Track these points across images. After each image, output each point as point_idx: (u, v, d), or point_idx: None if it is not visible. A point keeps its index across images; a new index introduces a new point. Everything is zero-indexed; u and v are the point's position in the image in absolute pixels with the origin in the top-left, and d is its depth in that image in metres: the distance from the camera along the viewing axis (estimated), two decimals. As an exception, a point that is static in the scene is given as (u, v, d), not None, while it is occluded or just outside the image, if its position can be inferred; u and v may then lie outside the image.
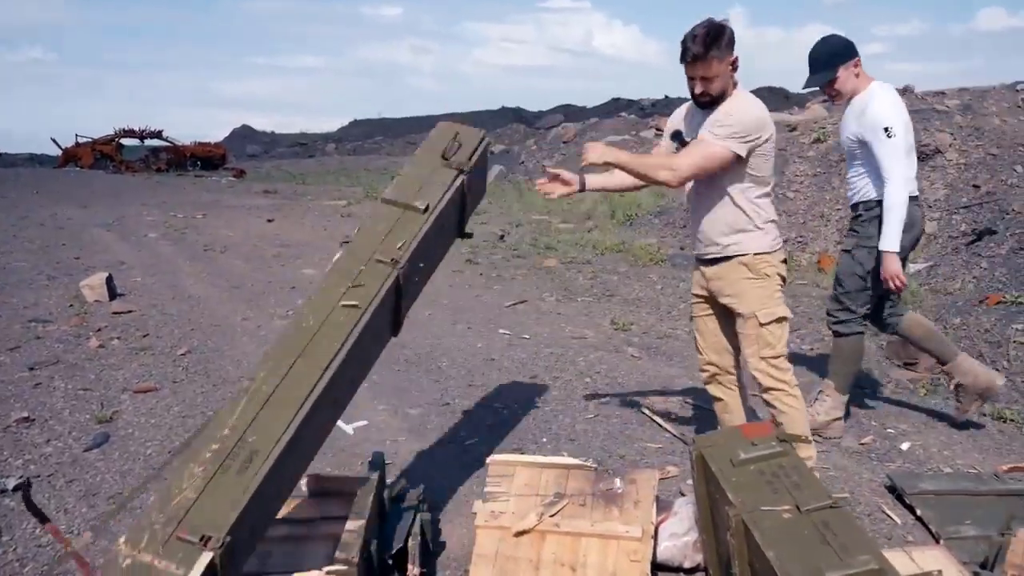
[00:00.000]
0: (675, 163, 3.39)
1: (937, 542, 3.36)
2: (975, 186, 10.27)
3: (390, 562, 2.87)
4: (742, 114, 3.31)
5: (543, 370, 5.63)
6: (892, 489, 3.83)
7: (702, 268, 3.65)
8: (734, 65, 3.33)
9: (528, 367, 5.75)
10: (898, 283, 4.24)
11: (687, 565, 3.12)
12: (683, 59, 3.30)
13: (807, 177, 11.70)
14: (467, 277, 9.25)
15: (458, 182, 3.15)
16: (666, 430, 4.57)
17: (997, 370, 5.80)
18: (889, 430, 4.69)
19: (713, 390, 3.85)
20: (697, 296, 3.76)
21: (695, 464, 2.89)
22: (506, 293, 8.39)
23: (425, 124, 57.74)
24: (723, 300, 3.58)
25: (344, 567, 2.46)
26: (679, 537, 3.10)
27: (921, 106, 12.91)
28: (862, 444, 4.48)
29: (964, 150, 10.87)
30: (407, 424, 4.64)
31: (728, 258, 3.50)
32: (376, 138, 55.40)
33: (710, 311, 3.73)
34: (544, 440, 4.42)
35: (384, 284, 2.82)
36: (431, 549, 3.23)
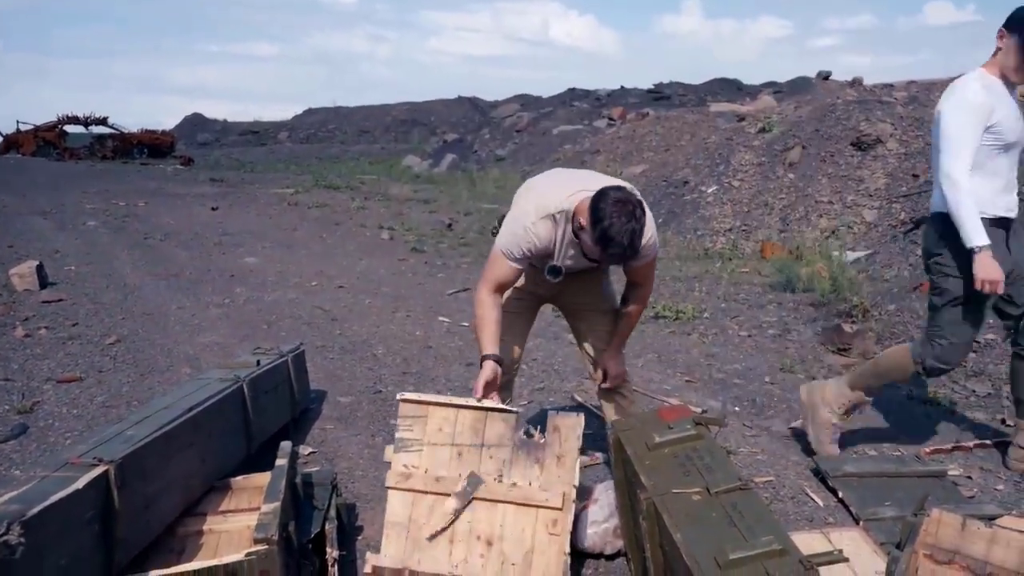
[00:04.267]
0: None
1: (857, 523, 3.40)
2: (915, 175, 10.44)
3: (309, 546, 2.82)
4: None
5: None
6: (817, 472, 3.87)
7: None
8: None
9: (465, 354, 5.71)
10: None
11: (608, 551, 3.11)
12: (611, 260, 2.93)
13: (752, 166, 11.80)
14: (411, 265, 9.19)
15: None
16: (599, 417, 4.56)
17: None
18: (819, 414, 4.73)
19: None
20: None
21: (612, 448, 2.87)
22: (449, 281, 8.34)
23: (380, 113, 57.35)
24: None
25: (264, 547, 2.39)
26: (600, 524, 3.09)
27: (867, 97, 13.08)
28: (791, 428, 4.51)
29: (905, 140, 11.04)
30: (336, 412, 4.57)
31: None
32: (330, 127, 54.79)
33: None
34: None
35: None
36: (348, 533, 3.19)
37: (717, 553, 2.14)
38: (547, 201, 2.94)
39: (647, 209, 2.87)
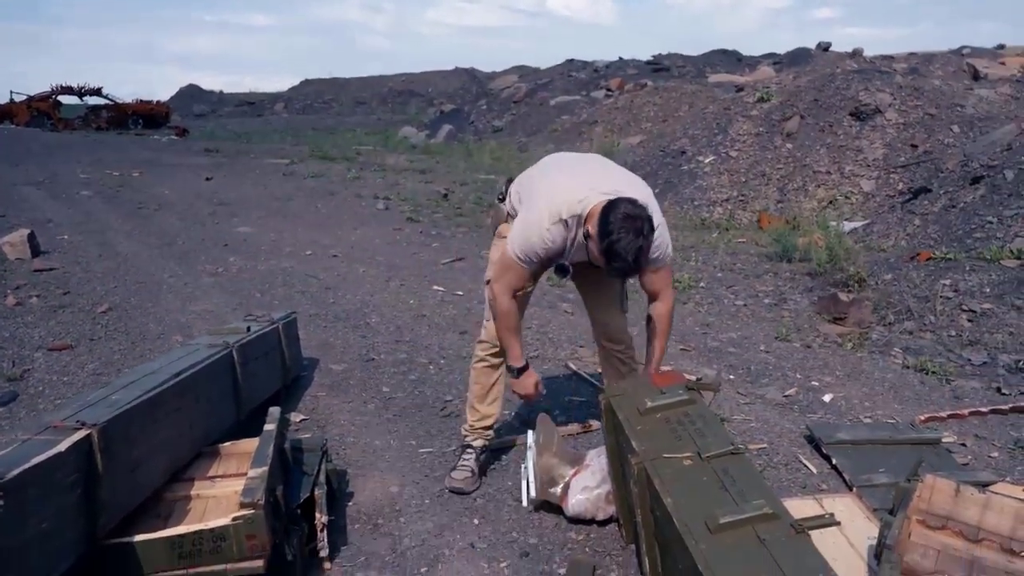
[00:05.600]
0: None
1: (850, 490, 3.38)
2: (913, 145, 10.38)
3: (298, 511, 2.79)
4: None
5: (474, 326, 5.53)
6: (811, 439, 3.85)
7: None
8: None
9: (459, 323, 5.68)
10: None
11: (600, 517, 3.09)
12: (613, 272, 2.84)
13: (750, 136, 11.72)
14: (406, 235, 9.13)
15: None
16: (592, 384, 4.54)
17: (924, 324, 5.89)
18: (813, 382, 4.71)
19: None
20: None
21: (604, 413, 2.85)
22: (444, 251, 8.28)
23: (377, 84, 56.97)
24: None
25: (251, 511, 2.37)
26: (592, 490, 3.07)
27: (867, 67, 12.97)
28: (786, 396, 4.49)
29: (903, 110, 10.96)
30: (329, 380, 4.54)
31: None
32: (326, 98, 54.48)
33: None
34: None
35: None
36: (339, 499, 3.17)
37: (707, 517, 2.11)
38: (559, 205, 2.89)
39: (657, 222, 2.85)
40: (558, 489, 3.10)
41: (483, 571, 2.82)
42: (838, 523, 2.20)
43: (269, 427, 2.84)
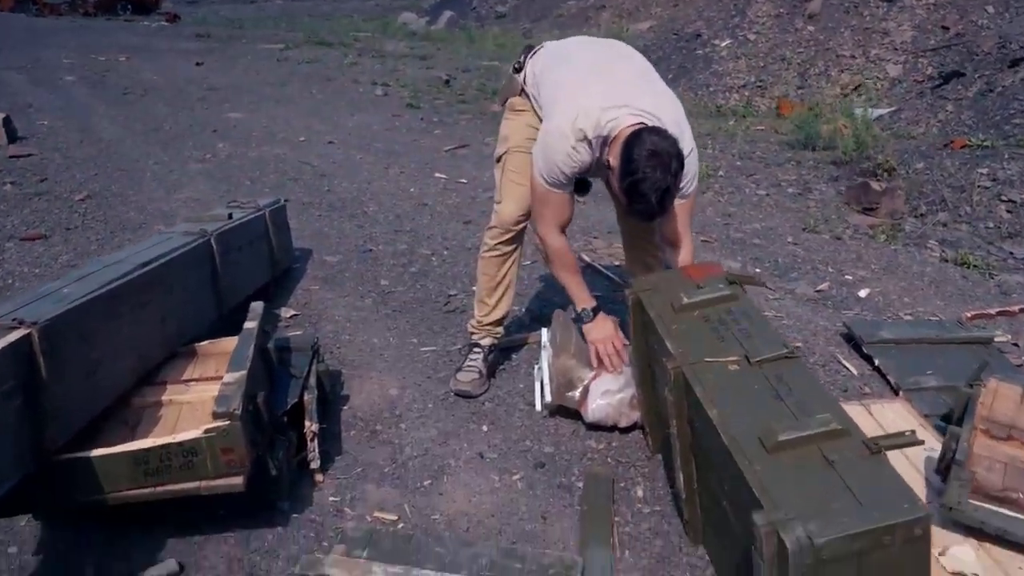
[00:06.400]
0: None
1: (896, 394, 3.06)
2: (944, 27, 9.75)
3: (284, 420, 2.47)
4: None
5: (479, 215, 5.17)
6: (849, 338, 3.51)
7: None
8: None
9: (463, 212, 5.30)
10: None
11: (623, 424, 2.78)
12: (635, 214, 2.48)
13: (769, 18, 11.05)
14: (406, 121, 8.64)
15: None
16: (609, 277, 4.19)
17: (960, 215, 5.50)
18: (847, 276, 4.36)
19: None
20: None
21: (631, 311, 2.49)
22: (447, 138, 7.82)
23: (374, -32, 54.74)
24: None
25: (225, 423, 2.05)
26: (613, 394, 2.74)
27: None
28: (818, 291, 4.15)
29: (935, -12, 10.27)
30: (323, 272, 4.18)
31: None
32: (323, -17, 52.47)
33: None
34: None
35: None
36: (332, 403, 2.87)
37: (763, 433, 1.79)
38: (584, 120, 2.46)
39: (688, 149, 2.44)
40: (576, 393, 2.78)
41: (494, 484, 2.52)
42: (921, 442, 1.86)
43: (250, 324, 2.50)
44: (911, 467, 2.48)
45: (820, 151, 7.13)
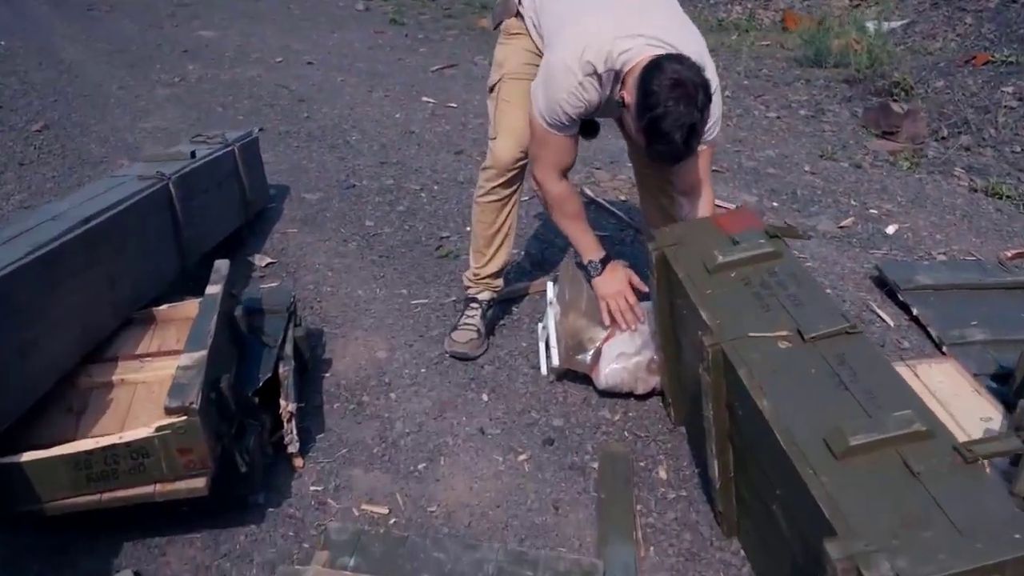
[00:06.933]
0: None
1: (940, 350, 2.76)
2: (960, -68, 9.17)
3: (255, 400, 2.15)
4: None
5: (471, 144, 4.78)
6: (881, 282, 3.19)
7: None
8: None
9: (453, 140, 4.89)
10: None
11: (640, 391, 2.47)
12: (656, 156, 2.09)
13: (774, -77, 10.40)
14: (389, 38, 8.10)
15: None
16: (614, 214, 3.84)
17: (984, 138, 5.14)
18: (871, 210, 4.02)
19: None
20: None
21: (655, 268, 2.15)
22: (433, 56, 7.32)
23: None
24: None
25: (180, 419, 1.73)
26: (630, 357, 2.42)
27: None
28: (841, 227, 3.81)
29: None
30: (301, 212, 3.81)
31: None
32: None
33: None
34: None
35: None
36: (311, 370, 2.55)
37: (829, 434, 1.47)
38: (593, 51, 2.07)
39: (714, 87, 2.05)
40: (587, 356, 2.46)
41: (497, 466, 2.23)
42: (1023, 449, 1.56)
43: (212, 289, 2.15)
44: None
45: (831, 68, 6.70)
